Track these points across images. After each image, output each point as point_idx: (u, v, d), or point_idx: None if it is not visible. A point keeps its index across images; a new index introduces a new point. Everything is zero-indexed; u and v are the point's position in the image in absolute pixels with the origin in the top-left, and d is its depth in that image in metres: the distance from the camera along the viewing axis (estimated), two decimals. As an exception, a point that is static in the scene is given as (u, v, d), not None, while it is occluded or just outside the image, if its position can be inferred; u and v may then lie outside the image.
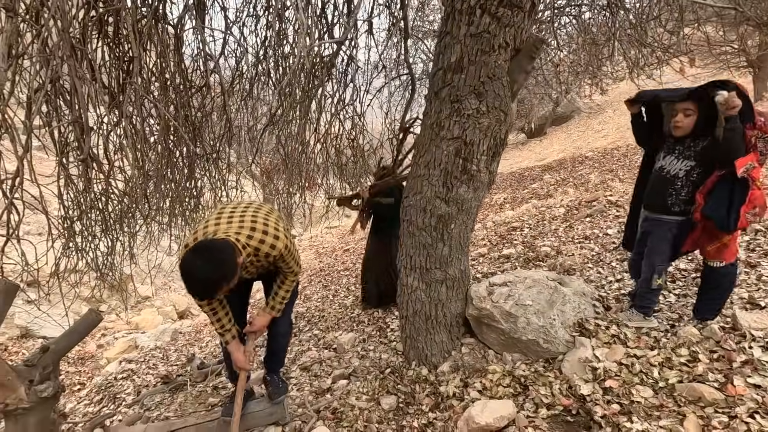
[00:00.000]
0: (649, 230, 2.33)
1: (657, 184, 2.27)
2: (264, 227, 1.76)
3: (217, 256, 1.57)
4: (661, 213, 2.24)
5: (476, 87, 2.20)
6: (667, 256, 2.25)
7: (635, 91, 2.61)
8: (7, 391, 1.71)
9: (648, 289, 2.32)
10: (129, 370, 4.68)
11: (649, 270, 2.28)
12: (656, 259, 2.26)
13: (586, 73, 6.04)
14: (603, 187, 5.96)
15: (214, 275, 1.55)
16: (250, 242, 1.72)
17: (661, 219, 2.24)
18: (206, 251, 1.58)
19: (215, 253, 1.58)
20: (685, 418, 1.70)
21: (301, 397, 2.80)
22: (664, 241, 2.23)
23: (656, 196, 2.27)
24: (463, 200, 2.43)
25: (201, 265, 1.54)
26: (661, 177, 2.24)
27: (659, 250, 2.25)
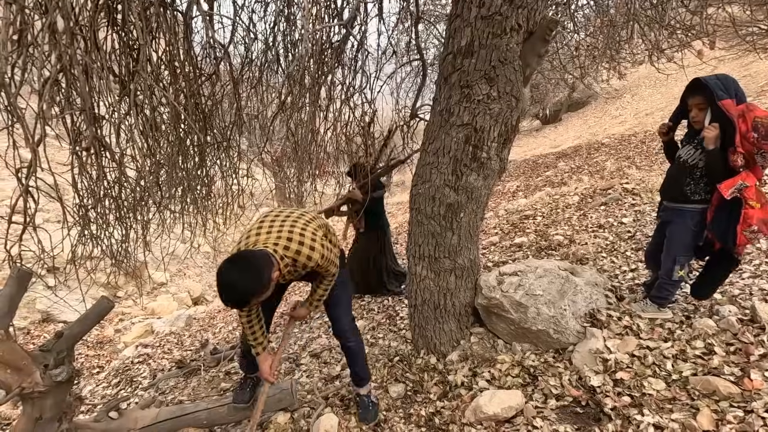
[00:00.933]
0: (669, 220, 2.26)
1: (676, 174, 2.22)
2: (300, 238, 1.78)
3: (251, 269, 1.60)
4: (681, 202, 2.18)
5: (487, 71, 2.14)
6: (689, 246, 2.17)
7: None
8: (24, 375, 1.76)
9: (668, 281, 2.26)
10: (145, 354, 4.80)
11: (670, 261, 2.22)
12: (678, 249, 2.19)
13: (603, 57, 5.84)
14: (619, 175, 5.82)
15: (246, 287, 1.58)
16: (287, 253, 1.75)
17: (683, 208, 2.17)
18: (243, 262, 1.61)
19: (251, 265, 1.61)
20: (699, 412, 1.66)
21: (310, 383, 2.84)
22: (685, 230, 2.16)
23: (675, 185, 2.21)
24: (473, 188, 2.38)
25: (236, 277, 1.57)
26: (680, 167, 2.18)
27: (681, 241, 2.18)
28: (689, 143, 2.16)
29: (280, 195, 10.93)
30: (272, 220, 1.89)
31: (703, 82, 1.97)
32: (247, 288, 1.58)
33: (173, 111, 3.07)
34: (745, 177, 1.88)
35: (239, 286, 1.57)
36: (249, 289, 1.59)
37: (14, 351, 1.74)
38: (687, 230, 2.15)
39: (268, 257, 1.67)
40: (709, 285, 2.27)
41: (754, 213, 1.87)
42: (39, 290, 5.91)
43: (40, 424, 1.89)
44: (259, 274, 1.60)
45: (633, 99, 13.75)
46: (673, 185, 2.23)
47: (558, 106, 17.20)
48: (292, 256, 1.75)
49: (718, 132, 1.92)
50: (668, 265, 2.23)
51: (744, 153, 1.87)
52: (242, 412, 2.30)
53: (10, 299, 1.79)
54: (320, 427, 2.11)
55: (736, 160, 1.89)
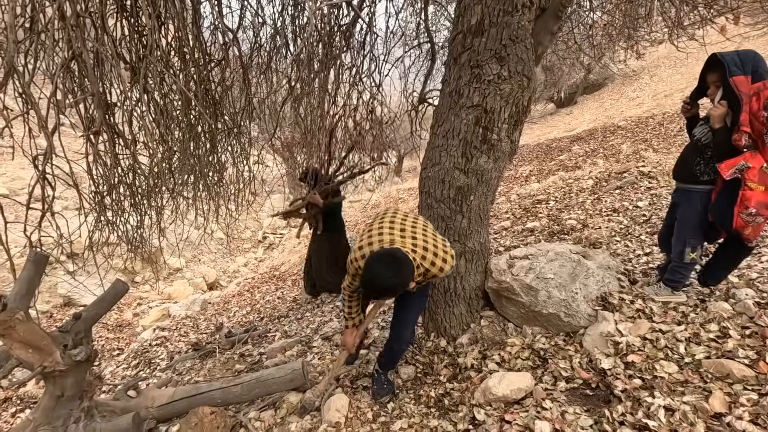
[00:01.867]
0: (679, 202, 2.22)
1: (687, 153, 2.16)
2: (434, 249, 1.86)
3: (399, 270, 1.72)
4: (689, 183, 2.13)
5: (497, 51, 2.09)
6: (698, 228, 2.12)
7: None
8: (45, 355, 1.82)
9: (680, 264, 2.21)
10: (162, 337, 4.93)
11: (680, 243, 2.18)
12: (687, 231, 2.15)
13: (620, 36, 5.65)
14: (635, 158, 5.68)
15: (392, 285, 1.71)
16: (423, 263, 1.84)
17: (690, 189, 2.13)
18: (392, 260, 1.73)
19: (399, 265, 1.72)
20: (711, 395, 1.64)
21: (321, 365, 2.88)
22: (693, 212, 2.11)
23: (685, 164, 2.15)
24: (483, 171, 2.36)
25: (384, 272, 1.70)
26: (694, 145, 2.12)
27: (689, 223, 2.14)
28: (706, 122, 2.09)
29: (291, 181, 11.01)
30: (402, 222, 1.97)
31: (719, 58, 1.90)
32: (393, 285, 1.71)
33: (184, 97, 3.08)
34: (748, 157, 1.81)
35: (387, 283, 1.70)
36: (394, 287, 1.73)
37: (34, 331, 1.80)
38: (695, 212, 2.09)
39: (412, 263, 1.76)
40: (716, 272, 2.23)
41: (753, 195, 1.81)
42: (60, 275, 6.10)
43: (62, 402, 1.97)
44: (405, 276, 1.72)
45: (651, 80, 13.34)
46: (683, 165, 2.17)
47: (573, 88, 16.80)
48: (427, 266, 1.84)
49: (724, 110, 1.85)
50: (679, 248, 2.18)
51: (750, 132, 1.79)
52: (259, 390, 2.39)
53: (29, 281, 1.84)
54: (331, 405, 2.15)
55: (739, 140, 1.82)
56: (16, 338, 1.77)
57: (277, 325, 4.17)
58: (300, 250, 8.63)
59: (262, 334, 3.94)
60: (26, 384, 3.99)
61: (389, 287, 1.72)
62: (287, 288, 6.05)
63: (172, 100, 3.37)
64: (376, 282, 1.71)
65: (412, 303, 2.23)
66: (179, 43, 3.08)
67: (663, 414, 1.62)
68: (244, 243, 11.12)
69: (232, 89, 3.82)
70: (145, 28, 2.93)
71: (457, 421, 1.98)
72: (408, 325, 2.27)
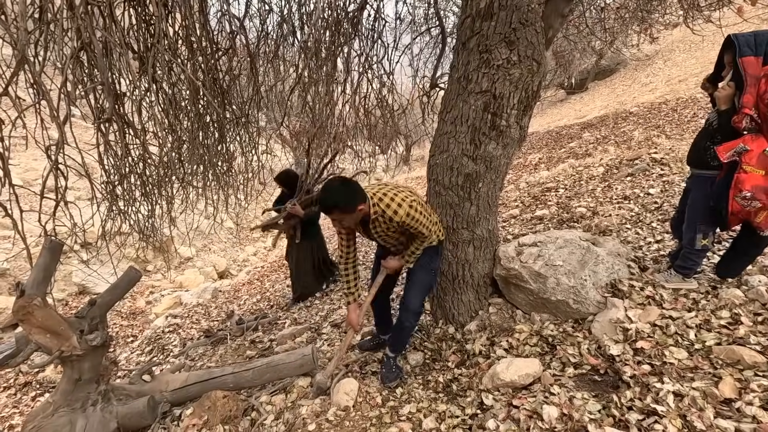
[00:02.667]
0: (691, 187, 2.19)
1: (699, 138, 2.12)
2: (392, 198, 2.05)
3: (348, 189, 1.95)
4: (700, 168, 2.09)
5: (507, 35, 2.06)
6: (708, 213, 2.07)
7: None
8: (62, 340, 1.88)
9: (691, 250, 2.18)
10: (175, 324, 5.03)
11: (691, 230, 2.15)
12: (697, 217, 2.11)
13: (634, 19, 5.52)
14: (647, 145, 5.59)
15: (337, 198, 1.93)
16: (379, 203, 2.04)
17: (702, 174, 2.09)
18: (347, 183, 1.98)
19: (350, 187, 1.96)
20: (721, 381, 1.63)
21: (331, 351, 2.92)
22: (704, 197, 2.06)
23: (696, 149, 2.11)
24: (492, 158, 2.34)
25: (333, 186, 1.95)
26: (705, 130, 2.08)
27: (700, 208, 2.10)
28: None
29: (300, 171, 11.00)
30: (384, 185, 2.19)
31: (732, 38, 1.85)
32: (337, 199, 1.92)
33: (192, 87, 3.09)
34: (749, 140, 1.77)
35: (332, 194, 1.92)
36: (338, 200, 1.92)
37: (51, 317, 1.85)
38: (705, 197, 2.05)
39: (365, 194, 2.01)
40: (733, 263, 2.19)
41: (747, 178, 1.77)
42: (74, 264, 6.22)
43: (80, 385, 2.03)
44: (352, 196, 1.94)
45: (665, 65, 13.04)
46: (695, 150, 2.13)
47: (584, 74, 16.47)
48: (382, 207, 2.03)
49: (731, 92, 1.80)
50: (690, 234, 2.15)
51: (752, 115, 1.75)
52: (270, 375, 2.43)
53: (45, 268, 1.89)
54: (340, 389, 2.18)
55: (739, 122, 1.78)
56: (34, 323, 1.82)
57: (286, 313, 4.23)
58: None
59: (272, 322, 4.00)
60: (45, 369, 4.11)
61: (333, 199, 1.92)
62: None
63: (181, 90, 3.38)
64: (324, 191, 1.95)
65: (415, 275, 2.32)
66: (186, 32, 3.08)
67: (672, 399, 1.62)
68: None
69: (240, 78, 3.82)
70: (152, 16, 2.93)
71: (465, 406, 2.00)
72: (411, 295, 2.30)
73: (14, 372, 4.21)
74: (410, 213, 2.03)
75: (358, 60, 3.97)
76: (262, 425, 2.12)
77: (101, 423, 2.01)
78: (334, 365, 2.36)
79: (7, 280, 6.14)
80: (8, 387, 4.06)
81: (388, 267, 2.33)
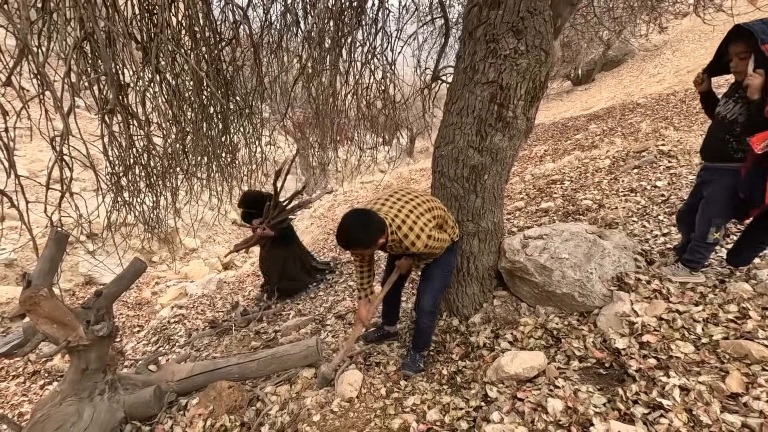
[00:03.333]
0: (708, 179, 2.12)
1: (715, 131, 2.06)
2: (412, 225, 2.00)
3: (367, 226, 1.91)
4: (721, 161, 2.04)
5: (515, 24, 2.02)
6: (726, 207, 2.04)
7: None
8: (69, 330, 1.89)
9: (702, 243, 2.14)
10: (180, 315, 5.06)
11: (705, 223, 2.11)
12: (714, 210, 2.07)
13: (642, 8, 5.42)
14: (655, 137, 5.52)
15: (355, 236, 1.91)
16: (397, 232, 1.99)
17: (723, 167, 2.03)
18: (364, 217, 1.93)
19: (369, 222, 1.91)
20: (728, 375, 1.62)
21: (335, 342, 2.93)
22: (724, 190, 2.02)
23: (714, 143, 2.06)
24: (498, 149, 2.31)
25: (351, 223, 1.91)
26: (720, 123, 2.03)
27: (718, 201, 2.06)
28: (730, 97, 2.00)
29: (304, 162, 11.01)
30: (399, 198, 2.13)
31: (746, 28, 1.80)
32: (356, 237, 1.90)
33: (195, 77, 3.07)
34: None
35: (351, 233, 1.90)
36: (357, 239, 1.91)
37: (58, 307, 1.86)
38: (726, 190, 2.02)
39: (384, 225, 1.95)
40: (745, 252, 2.16)
41: None
42: (81, 254, 6.27)
43: (87, 375, 2.05)
44: (371, 233, 1.90)
45: (674, 55, 12.84)
46: (712, 143, 2.08)
47: (591, 65, 16.25)
48: (399, 237, 1.99)
49: (762, 80, 1.73)
50: (703, 227, 2.12)
51: None
52: (275, 366, 2.45)
53: (51, 259, 1.89)
54: (345, 380, 2.19)
55: None
56: (41, 314, 1.84)
57: (291, 304, 4.24)
58: (312, 231, 8.70)
59: (276, 313, 4.02)
60: (53, 358, 4.16)
61: (352, 238, 1.90)
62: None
63: (184, 81, 3.36)
64: (342, 231, 1.90)
65: (429, 273, 2.32)
66: (189, 22, 3.05)
67: (678, 393, 1.61)
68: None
69: (243, 69, 3.79)
70: (155, 6, 2.91)
71: (470, 398, 2.00)
72: (425, 293, 2.30)
73: (23, 361, 4.26)
74: (428, 244, 2.02)
75: (361, 50, 3.93)
76: (267, 415, 2.13)
77: (108, 412, 2.03)
78: (340, 358, 2.37)
79: (15, 270, 6.20)
80: (17, 375, 4.12)
81: (401, 266, 2.35)
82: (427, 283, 2.31)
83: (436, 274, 2.31)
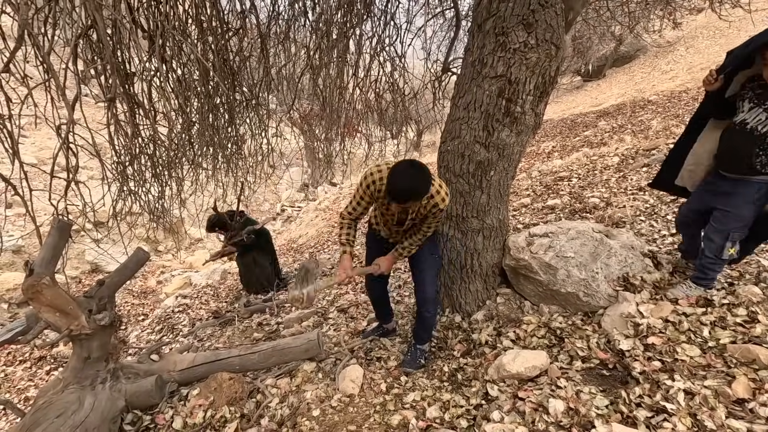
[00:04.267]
0: (727, 191, 1.96)
1: (741, 143, 1.87)
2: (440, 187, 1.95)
3: (422, 173, 1.78)
4: (746, 174, 1.89)
5: (525, 16, 1.98)
6: (747, 221, 1.94)
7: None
8: (71, 319, 1.90)
9: (718, 260, 2.02)
10: (184, 304, 5.10)
11: (721, 237, 1.97)
12: (733, 224, 1.94)
13: (657, 3, 5.30)
14: (665, 135, 5.43)
15: (418, 185, 1.77)
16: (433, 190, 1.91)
17: (749, 180, 1.89)
18: (417, 165, 1.79)
19: (423, 169, 1.78)
20: (735, 380, 1.59)
21: (337, 336, 2.93)
22: (747, 204, 1.91)
23: (739, 156, 1.89)
24: (505, 145, 2.28)
25: (412, 173, 1.77)
26: (747, 134, 1.85)
27: (739, 215, 1.93)
28: (759, 106, 1.83)
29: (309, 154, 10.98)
30: None
31: None
32: (421, 187, 1.77)
33: (201, 67, 3.05)
34: None
35: (414, 183, 1.76)
36: (420, 189, 1.78)
37: (60, 296, 1.86)
38: (749, 204, 1.90)
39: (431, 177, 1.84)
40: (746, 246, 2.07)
41: None
42: (86, 243, 6.32)
43: (89, 363, 2.06)
44: (428, 181, 1.80)
45: (687, 52, 12.61)
46: (736, 157, 1.90)
47: (602, 60, 16.03)
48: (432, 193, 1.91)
49: None
50: (719, 242, 1.98)
51: None
52: (276, 359, 2.45)
53: (54, 248, 1.90)
54: (345, 375, 2.18)
55: None
56: (43, 302, 1.84)
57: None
58: (317, 223, 8.70)
59: (279, 305, 4.02)
60: (58, 344, 4.21)
61: (415, 189, 1.77)
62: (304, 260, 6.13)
63: (191, 71, 3.34)
64: (403, 181, 1.76)
65: (424, 263, 2.27)
66: (196, 11, 3.03)
67: (682, 397, 1.58)
68: (262, 215, 11.27)
69: (250, 60, 3.77)
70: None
71: (470, 396, 1.99)
72: (426, 283, 2.26)
73: (30, 347, 4.32)
74: (444, 199, 1.96)
75: (370, 42, 3.88)
76: (266, 408, 2.13)
77: (109, 400, 2.05)
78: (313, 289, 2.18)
79: (22, 256, 6.27)
80: (24, 361, 4.18)
81: (381, 266, 2.25)
82: (424, 273, 2.27)
83: (431, 262, 2.28)
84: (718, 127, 2.04)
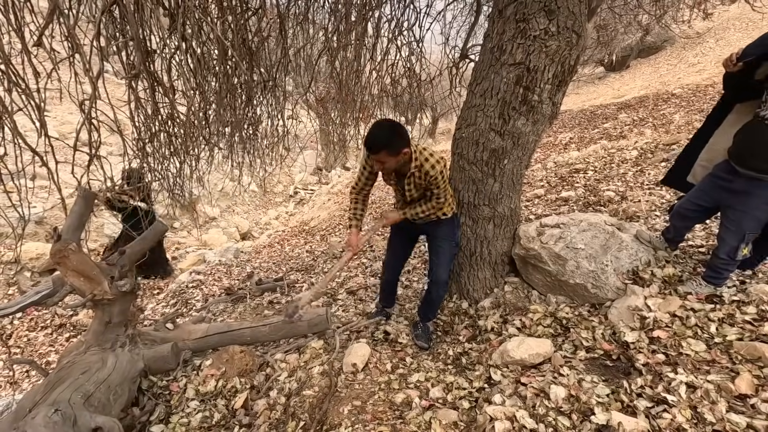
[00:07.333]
0: (745, 190, 1.89)
1: (762, 139, 1.80)
2: (431, 154, 2.11)
3: (396, 130, 1.96)
4: (764, 171, 1.80)
5: (547, 3, 1.95)
6: (763, 222, 1.90)
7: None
8: (94, 284, 1.99)
9: (731, 261, 1.98)
10: (198, 280, 5.23)
11: (736, 238, 1.93)
12: (750, 225, 1.90)
13: (687, -8, 5.11)
14: (687, 130, 5.30)
15: (383, 137, 1.94)
16: (419, 155, 2.08)
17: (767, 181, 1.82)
18: (394, 124, 2.00)
19: (397, 129, 1.97)
20: (738, 376, 1.60)
21: (345, 317, 3.00)
22: (765, 203, 1.85)
23: (759, 152, 1.80)
24: (520, 134, 2.27)
25: (385, 127, 1.98)
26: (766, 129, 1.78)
27: (757, 216, 1.88)
28: None
29: (324, 138, 11.01)
30: None
31: None
32: (388, 140, 1.94)
33: (221, 46, 3.08)
34: None
35: (383, 135, 1.94)
36: (389, 141, 1.94)
37: (85, 262, 1.95)
38: (766, 205, 1.85)
39: (408, 137, 2.02)
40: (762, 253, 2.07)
41: None
42: (105, 216, 6.49)
43: (110, 327, 2.16)
44: (401, 139, 1.95)
45: (717, 44, 12.17)
46: (757, 152, 1.81)
47: (627, 51, 15.57)
48: (421, 160, 2.08)
49: None
50: (734, 243, 1.94)
51: None
52: (285, 332, 2.55)
53: (80, 216, 1.98)
54: (353, 353, 2.25)
55: None
56: (69, 267, 1.93)
57: (304, 276, 4.33)
58: (329, 206, 8.77)
59: (290, 284, 4.11)
60: (78, 313, 4.38)
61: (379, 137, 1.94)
62: (315, 242, 6.21)
63: (210, 50, 3.37)
64: (370, 132, 1.97)
65: (440, 247, 2.36)
66: (217, -11, 3.04)
67: (684, 390, 1.60)
68: (276, 197, 11.39)
69: (268, 41, 3.77)
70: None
71: (473, 379, 2.03)
72: (440, 266, 2.36)
73: (51, 314, 4.50)
74: (443, 172, 2.10)
75: (388, 26, 3.85)
76: (275, 380, 2.21)
77: (130, 362, 2.15)
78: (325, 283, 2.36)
79: (45, 227, 6.47)
80: (45, 327, 4.36)
81: (387, 218, 2.36)
82: (440, 257, 2.36)
83: (447, 247, 2.37)
84: (738, 121, 1.99)
